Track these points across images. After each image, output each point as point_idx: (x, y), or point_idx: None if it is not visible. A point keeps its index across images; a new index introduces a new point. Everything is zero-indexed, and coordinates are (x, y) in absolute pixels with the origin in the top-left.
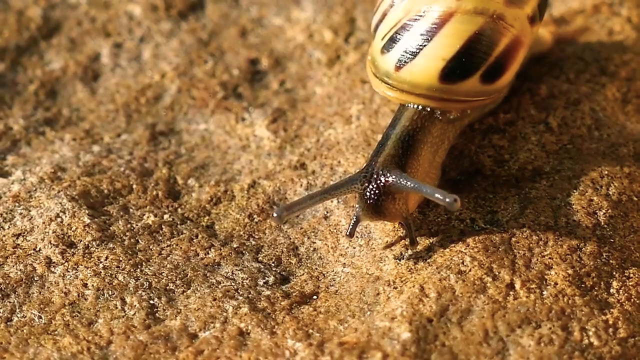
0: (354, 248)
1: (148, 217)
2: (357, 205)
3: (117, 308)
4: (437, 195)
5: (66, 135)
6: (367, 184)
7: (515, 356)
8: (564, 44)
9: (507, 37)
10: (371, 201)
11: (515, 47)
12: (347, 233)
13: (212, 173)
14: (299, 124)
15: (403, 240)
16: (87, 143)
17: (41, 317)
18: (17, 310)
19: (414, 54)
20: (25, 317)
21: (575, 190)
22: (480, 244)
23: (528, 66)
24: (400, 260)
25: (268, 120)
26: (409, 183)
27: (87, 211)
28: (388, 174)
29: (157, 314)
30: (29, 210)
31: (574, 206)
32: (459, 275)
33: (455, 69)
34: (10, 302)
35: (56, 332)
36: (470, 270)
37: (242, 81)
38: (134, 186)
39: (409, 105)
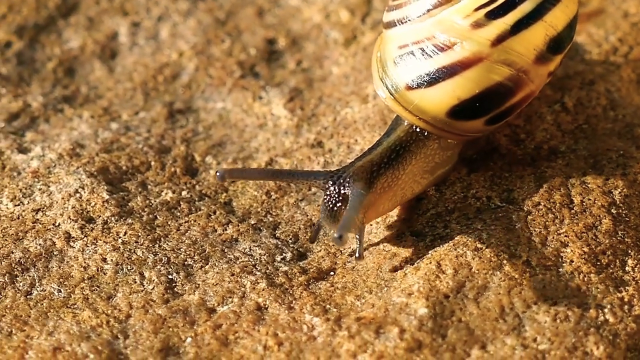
0: (371, 225)
1: (166, 193)
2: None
3: (135, 282)
4: (340, 228)
5: (84, 113)
6: (330, 185)
7: (532, 332)
8: (580, 25)
9: (524, 90)
10: (329, 204)
11: (527, 99)
12: (309, 239)
13: (229, 151)
14: (316, 103)
15: (421, 218)
16: (105, 120)
17: (60, 291)
18: (37, 284)
19: (430, 83)
20: (45, 290)
21: (591, 170)
22: (497, 222)
23: None
24: (417, 237)
25: (285, 99)
26: (350, 207)
27: (105, 187)
28: (348, 186)
29: (175, 289)
30: (48, 186)
31: (589, 185)
32: (476, 252)
33: (466, 110)
34: (30, 276)
35: (75, 306)
36: (486, 247)
37: (259, 60)
38: (152, 163)
39: (406, 122)
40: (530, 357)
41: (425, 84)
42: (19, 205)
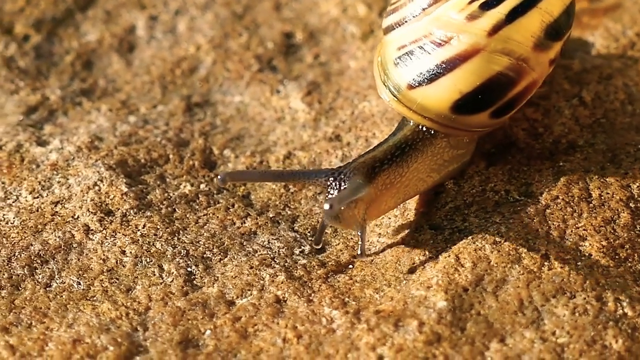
0: (390, 218)
1: (185, 186)
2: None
3: (155, 275)
4: (333, 198)
5: (102, 106)
6: (332, 182)
7: (550, 325)
8: (597, 20)
9: (526, 79)
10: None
11: (530, 88)
12: (314, 241)
13: (247, 144)
14: (334, 96)
15: (439, 211)
16: (123, 113)
17: (80, 283)
18: (56, 276)
19: (431, 80)
20: (64, 283)
21: (609, 164)
22: (515, 215)
23: None
24: (435, 230)
25: (303, 93)
26: (347, 188)
27: (124, 180)
28: (348, 180)
29: (194, 281)
30: (67, 179)
31: (607, 179)
32: (494, 246)
33: (469, 103)
34: (49, 268)
35: (95, 298)
36: (505, 241)
37: (276, 54)
38: (171, 156)
39: (411, 122)
40: (549, 351)
41: (426, 81)
42: (37, 197)
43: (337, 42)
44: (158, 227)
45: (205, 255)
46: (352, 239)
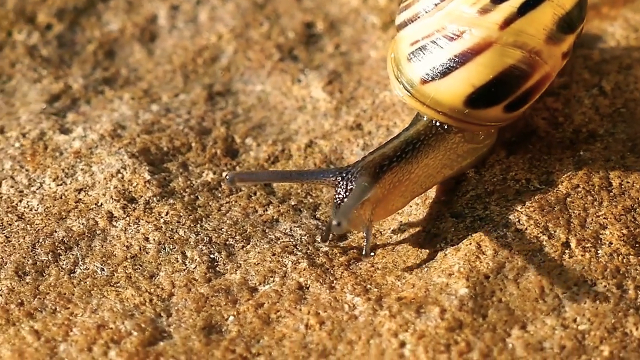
0: (411, 207)
1: (207, 174)
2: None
3: (178, 262)
4: (339, 214)
5: (125, 95)
6: (340, 181)
7: (571, 313)
8: (616, 10)
9: (539, 72)
10: (338, 200)
11: (544, 81)
12: (321, 238)
13: (269, 133)
14: (355, 86)
15: (460, 199)
16: (145, 102)
17: (104, 270)
18: (80, 263)
19: (444, 74)
20: (88, 269)
21: (629, 153)
22: (536, 204)
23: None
24: (457, 218)
25: (324, 82)
26: (351, 196)
27: (147, 167)
28: (354, 180)
29: (217, 268)
30: (90, 166)
31: (628, 168)
32: (515, 234)
33: (483, 97)
34: (73, 255)
35: (119, 284)
36: (526, 229)
37: (297, 44)
38: (193, 144)
39: (425, 117)
40: (570, 338)
41: (439, 75)
42: (61, 185)
43: (357, 32)
44: (181, 214)
45: (227, 243)
46: (373, 227)
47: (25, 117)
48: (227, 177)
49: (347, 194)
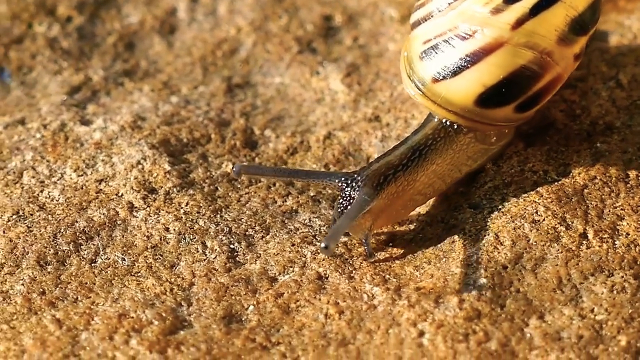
0: None
1: (226, 165)
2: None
3: (198, 252)
4: (327, 237)
5: (145, 87)
6: (345, 187)
7: (589, 303)
8: (633, 3)
9: (550, 73)
10: (341, 207)
11: (555, 83)
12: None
13: (287, 124)
14: (373, 78)
15: (478, 190)
16: (165, 94)
17: (124, 259)
18: (101, 252)
19: (455, 73)
20: (109, 259)
21: None
22: (554, 195)
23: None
24: (475, 209)
25: (342, 74)
26: (346, 214)
27: (167, 159)
28: (358, 190)
29: (237, 258)
30: (111, 157)
31: None
32: (533, 225)
33: (493, 96)
34: (94, 245)
35: (139, 274)
36: (544, 220)
37: (316, 36)
38: (212, 136)
39: (437, 117)
40: (588, 327)
41: (451, 74)
42: (82, 175)
43: (375, 25)
44: (201, 205)
45: (247, 233)
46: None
47: (46, 109)
48: (234, 168)
49: (351, 202)
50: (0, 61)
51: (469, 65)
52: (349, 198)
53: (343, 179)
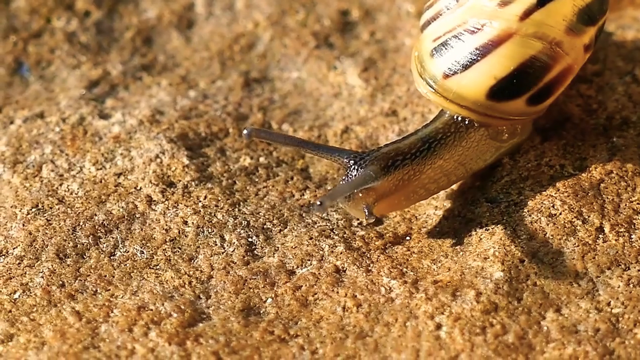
0: (446, 192)
1: (244, 159)
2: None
3: (216, 245)
4: (326, 196)
5: (163, 81)
6: (352, 165)
7: (605, 296)
8: None
9: (560, 64)
10: (343, 182)
11: (566, 74)
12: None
13: (305, 119)
14: (390, 73)
15: (495, 184)
16: (183, 88)
17: (143, 252)
18: (120, 245)
19: (465, 67)
20: (128, 252)
21: None
22: (570, 189)
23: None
24: (492, 203)
25: (359, 69)
26: (349, 181)
27: (185, 152)
28: (365, 167)
29: (255, 251)
30: (129, 151)
31: None
32: (550, 218)
33: (505, 88)
34: (113, 238)
35: (158, 267)
36: (560, 214)
37: (333, 31)
38: (230, 130)
39: (448, 112)
40: (604, 321)
41: (461, 68)
42: (101, 169)
43: (392, 20)
44: (219, 198)
45: (265, 226)
46: (408, 211)
47: (64, 103)
48: (245, 130)
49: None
50: (19, 55)
51: (479, 58)
52: (354, 174)
53: (352, 155)
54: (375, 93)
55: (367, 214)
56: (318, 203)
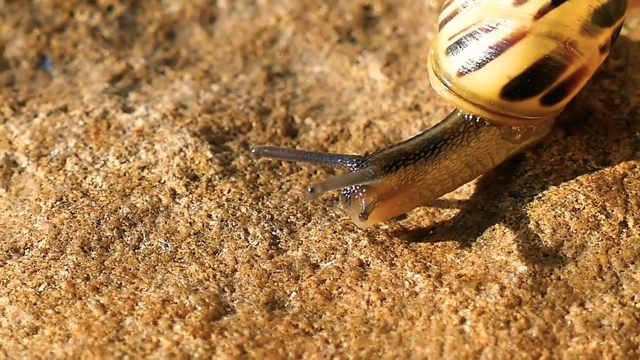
0: (469, 186)
1: None
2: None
3: (240, 238)
4: (320, 184)
5: (185, 75)
6: (355, 168)
7: (629, 290)
8: None
9: (575, 64)
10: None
11: (580, 74)
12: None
13: (328, 113)
14: (412, 67)
15: (518, 179)
16: (206, 82)
17: (167, 246)
18: (144, 239)
19: (479, 65)
20: (152, 245)
21: None
22: (594, 183)
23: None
24: (515, 198)
25: (382, 64)
26: (346, 175)
27: (209, 146)
28: (365, 167)
29: (279, 245)
30: (153, 145)
31: None
32: (573, 213)
33: (518, 88)
34: (137, 231)
35: (182, 260)
36: (584, 208)
37: (355, 26)
38: (253, 124)
39: (460, 111)
40: (628, 315)
41: (475, 66)
42: (125, 162)
43: (414, 15)
44: (243, 192)
45: (289, 220)
46: (432, 205)
47: (88, 97)
48: (253, 150)
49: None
50: (42, 49)
51: (492, 57)
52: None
53: (355, 159)
54: (397, 87)
55: (362, 211)
56: (309, 189)
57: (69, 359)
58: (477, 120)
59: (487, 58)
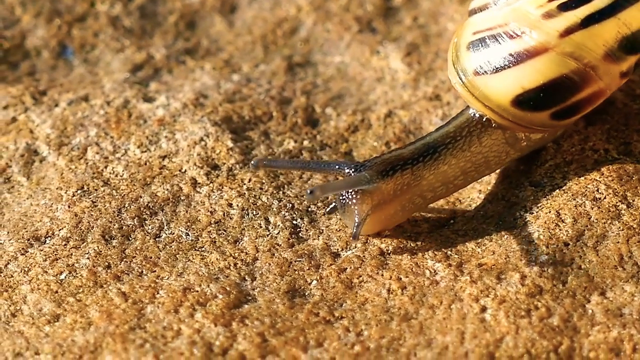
0: (490, 176)
1: (288, 142)
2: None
3: (261, 227)
4: (319, 186)
5: (206, 65)
6: (353, 173)
7: None
8: None
9: (592, 87)
10: (344, 192)
11: (597, 96)
12: (327, 211)
13: (348, 103)
14: (433, 57)
15: (539, 169)
16: (226, 72)
17: (188, 234)
18: (165, 227)
19: (496, 70)
20: (173, 233)
21: None
22: (615, 173)
23: None
24: (536, 187)
25: (402, 54)
26: (343, 180)
27: (229, 135)
28: (362, 172)
29: (300, 234)
30: (174, 134)
31: None
32: (594, 202)
33: (530, 100)
34: (158, 220)
35: (203, 249)
36: (605, 198)
37: (375, 16)
38: (274, 113)
39: (469, 110)
40: None
41: (492, 70)
42: (145, 151)
43: (435, 5)
44: (263, 181)
45: (309, 209)
46: (452, 195)
47: (109, 86)
48: (252, 162)
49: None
50: (63, 39)
51: (511, 65)
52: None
53: (352, 165)
54: (418, 77)
55: (357, 222)
56: (309, 192)
57: (90, 347)
58: (484, 121)
59: (505, 65)
